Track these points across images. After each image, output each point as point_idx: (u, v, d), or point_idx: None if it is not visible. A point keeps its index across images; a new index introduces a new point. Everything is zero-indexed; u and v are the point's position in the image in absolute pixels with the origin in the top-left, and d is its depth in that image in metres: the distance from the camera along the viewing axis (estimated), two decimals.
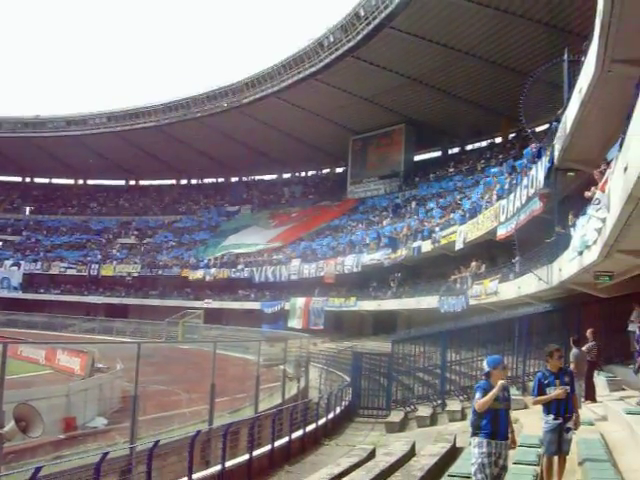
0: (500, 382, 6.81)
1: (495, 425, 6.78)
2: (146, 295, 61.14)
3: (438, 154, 55.86)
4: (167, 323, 48.24)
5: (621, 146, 8.96)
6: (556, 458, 7.72)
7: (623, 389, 13.05)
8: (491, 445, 6.72)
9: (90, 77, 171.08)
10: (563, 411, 7.62)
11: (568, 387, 7.69)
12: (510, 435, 6.98)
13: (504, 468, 6.81)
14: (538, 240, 19.35)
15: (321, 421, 18.18)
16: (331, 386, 26.77)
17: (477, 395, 6.87)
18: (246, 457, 12.69)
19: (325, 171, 69.00)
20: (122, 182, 79.99)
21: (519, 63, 38.01)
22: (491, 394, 6.71)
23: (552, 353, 7.85)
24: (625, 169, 8.08)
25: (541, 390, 7.73)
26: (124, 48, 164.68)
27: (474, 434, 6.91)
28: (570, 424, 7.70)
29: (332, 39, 45.31)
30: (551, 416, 7.65)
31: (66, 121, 67.30)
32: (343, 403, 21.76)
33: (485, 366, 7.11)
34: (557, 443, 7.59)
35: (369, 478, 9.73)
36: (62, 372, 24.13)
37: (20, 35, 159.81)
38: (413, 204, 46.35)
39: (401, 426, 18.79)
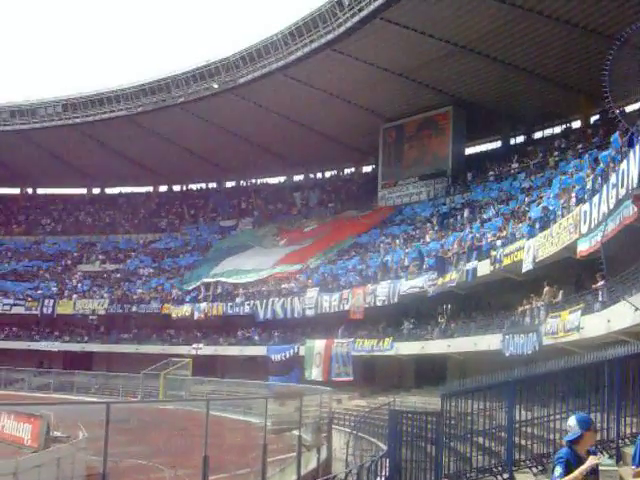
0: (592, 459, 6.80)
1: None
2: (116, 339, 61.46)
3: (497, 145, 56.00)
4: (144, 376, 48.45)
5: None
6: None
7: None
8: None
9: (44, 58, 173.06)
10: None
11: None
12: None
13: None
14: (633, 257, 19.26)
15: None
16: (362, 457, 26.68)
17: (558, 470, 6.81)
18: None
19: (348, 171, 69.37)
20: (83, 191, 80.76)
21: (601, 23, 38.01)
22: (581, 470, 6.69)
23: None
24: None
25: None
26: (86, 19, 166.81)
27: None
28: None
29: None
30: None
31: (9, 112, 67.96)
32: (378, 479, 21.69)
33: (573, 427, 7.02)
34: None
35: None
36: (8, 443, 24.28)
37: None
38: (465, 212, 46.30)
39: None
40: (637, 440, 8.00)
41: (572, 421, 7.11)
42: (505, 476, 19.51)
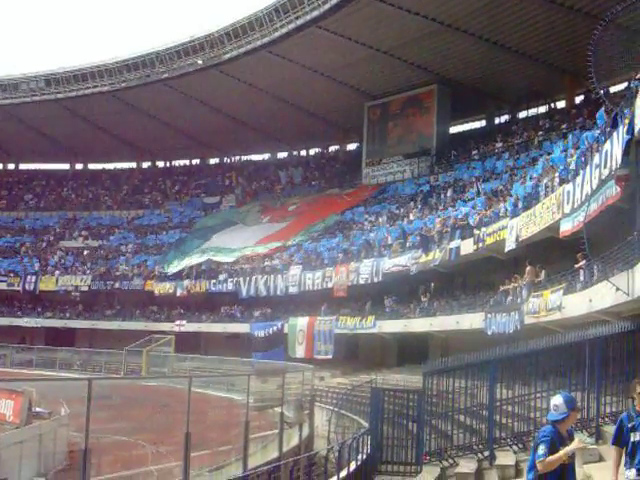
0: (579, 442, 6.85)
1: None
2: (99, 316, 61.40)
3: (482, 124, 55.99)
4: (127, 352, 48.49)
5: None
6: None
7: None
8: None
9: (26, 33, 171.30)
10: None
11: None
12: None
13: None
14: (615, 237, 19.32)
15: None
16: (344, 434, 26.83)
17: (543, 449, 6.83)
18: None
19: (333, 149, 69.27)
20: (66, 166, 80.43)
21: (587, 2, 37.96)
22: (566, 451, 6.76)
23: (635, 388, 7.77)
24: None
25: (622, 436, 7.62)
26: None
27: None
28: None
29: None
30: (634, 471, 7.49)
31: None
32: (360, 456, 21.77)
33: (560, 406, 7.04)
34: None
35: None
36: None
37: None
38: (449, 191, 46.36)
39: None
40: (618, 420, 8.03)
41: (559, 400, 7.12)
42: (486, 454, 19.64)
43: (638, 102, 17.00)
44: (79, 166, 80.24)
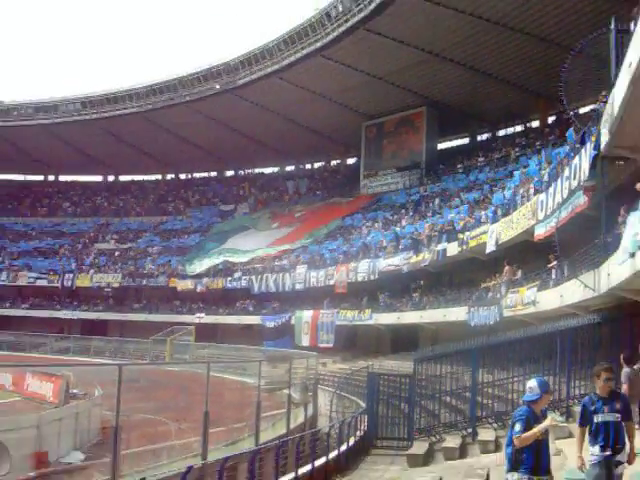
0: (551, 419, 6.84)
1: (538, 459, 6.82)
2: (128, 309, 61.36)
3: (465, 141, 55.88)
4: (153, 341, 48.42)
5: None
6: None
7: None
8: None
9: (63, 58, 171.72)
10: (613, 442, 7.34)
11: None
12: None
13: None
14: (583, 240, 19.29)
15: (332, 454, 18.16)
16: (344, 413, 26.76)
17: (519, 426, 6.84)
18: None
19: (334, 163, 69.10)
20: (99, 178, 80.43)
21: (559, 35, 37.88)
22: (540, 428, 6.76)
23: (599, 374, 7.67)
24: None
25: (586, 417, 7.56)
26: (102, 24, 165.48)
27: (512, 469, 6.92)
28: (621, 457, 7.39)
29: (341, 9, 45.40)
30: (597, 448, 7.38)
31: (34, 107, 67.45)
32: (358, 433, 21.75)
33: (534, 389, 7.04)
34: None
35: None
36: (32, 399, 24.24)
37: None
38: (437, 200, 46.33)
39: (425, 459, 18.72)
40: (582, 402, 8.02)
41: (533, 383, 7.12)
42: (469, 430, 19.61)
43: (603, 122, 16.96)
44: (111, 178, 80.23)
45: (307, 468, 15.98)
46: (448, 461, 17.92)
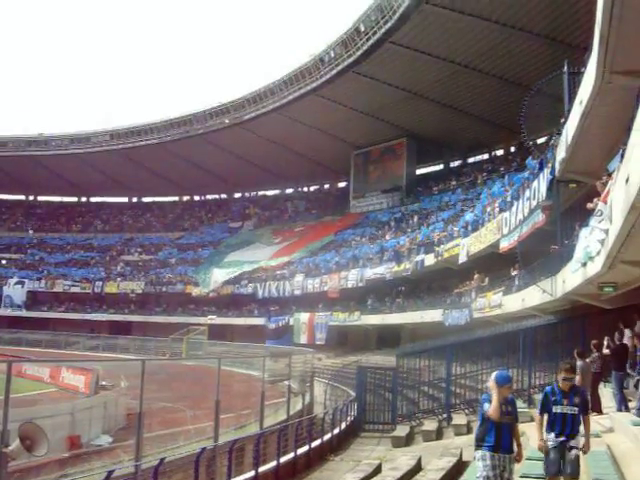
0: (495, 391, 6.88)
1: (498, 438, 6.81)
2: (150, 312, 61.14)
3: (440, 167, 55.87)
4: (171, 340, 48.24)
5: (622, 157, 8.99)
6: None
7: (629, 400, 12.96)
8: (495, 458, 6.74)
9: (93, 94, 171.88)
10: (569, 430, 7.18)
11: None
12: (517, 449, 6.94)
13: None
14: (542, 252, 19.33)
15: (326, 436, 18.08)
16: (336, 401, 26.66)
17: (485, 405, 6.91)
18: (252, 474, 12.61)
19: (327, 186, 69.06)
20: (125, 199, 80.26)
21: (520, 76, 38.06)
22: (494, 400, 6.81)
23: (560, 372, 7.56)
24: (627, 180, 8.09)
25: (545, 406, 7.38)
26: (126, 65, 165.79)
27: (478, 447, 6.94)
28: (574, 442, 7.19)
29: (333, 54, 45.63)
30: (552, 434, 7.25)
31: (69, 139, 67.73)
32: (348, 418, 21.65)
33: (492, 382, 6.97)
34: (559, 464, 7.10)
35: None
36: (66, 390, 24.12)
37: (22, 53, 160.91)
38: (416, 218, 46.38)
39: (407, 440, 18.68)
40: (544, 391, 7.90)
41: (492, 378, 7.12)
42: (444, 416, 19.60)
43: (558, 150, 17.05)
44: (135, 199, 79.97)
45: (305, 448, 15.95)
46: (426, 442, 17.89)
